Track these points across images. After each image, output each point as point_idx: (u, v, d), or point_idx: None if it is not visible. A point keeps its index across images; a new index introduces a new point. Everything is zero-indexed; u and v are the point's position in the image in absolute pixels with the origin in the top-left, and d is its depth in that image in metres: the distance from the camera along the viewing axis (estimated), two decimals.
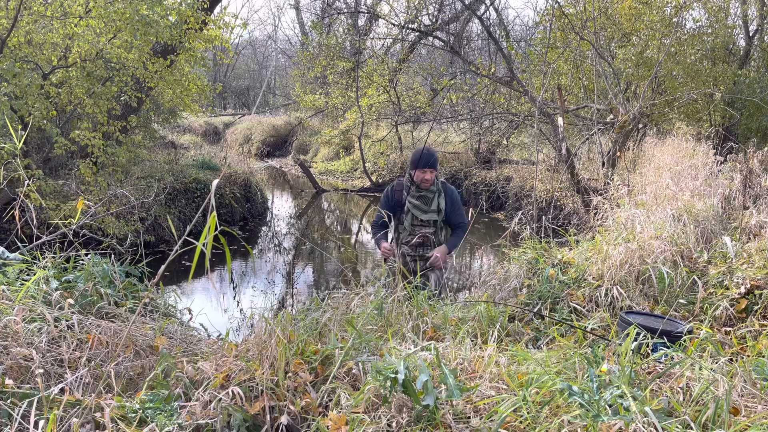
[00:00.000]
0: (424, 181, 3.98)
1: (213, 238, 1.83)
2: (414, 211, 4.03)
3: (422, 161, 3.92)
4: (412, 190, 4.01)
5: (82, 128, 6.07)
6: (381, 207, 4.16)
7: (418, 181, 3.98)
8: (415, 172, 3.97)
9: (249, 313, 3.16)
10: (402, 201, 4.08)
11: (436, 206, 4.04)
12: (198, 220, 2.30)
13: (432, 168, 3.95)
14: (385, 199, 4.18)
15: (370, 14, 14.54)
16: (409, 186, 4.03)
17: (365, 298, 3.04)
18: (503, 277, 4.11)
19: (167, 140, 13.29)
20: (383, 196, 4.18)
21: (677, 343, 2.44)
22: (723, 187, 4.83)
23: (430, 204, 4.03)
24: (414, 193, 4.01)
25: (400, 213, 4.13)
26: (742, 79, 8.96)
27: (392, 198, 4.14)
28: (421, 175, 3.94)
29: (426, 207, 4.03)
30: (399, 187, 4.13)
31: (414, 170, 3.98)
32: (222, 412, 1.88)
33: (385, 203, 4.17)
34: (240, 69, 27.08)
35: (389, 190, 4.17)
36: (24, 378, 2.03)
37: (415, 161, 3.96)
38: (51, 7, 6.00)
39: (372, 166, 13.13)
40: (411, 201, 4.02)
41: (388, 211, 4.08)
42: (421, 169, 3.93)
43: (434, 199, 4.03)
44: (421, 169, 3.93)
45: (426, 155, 3.93)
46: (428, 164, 3.92)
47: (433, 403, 1.78)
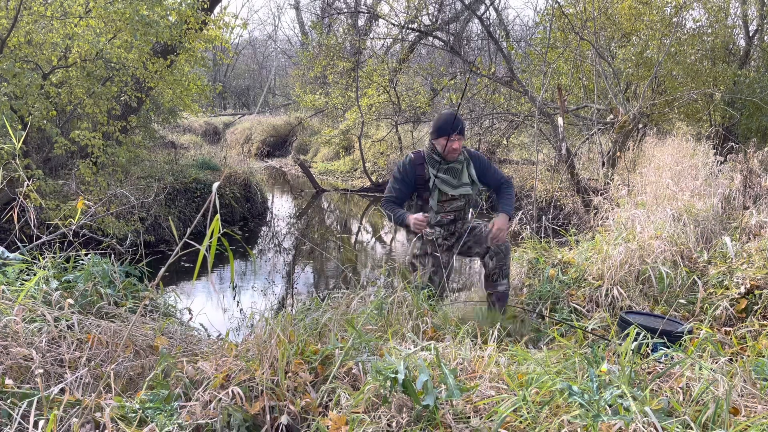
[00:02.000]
0: (452, 151, 3.38)
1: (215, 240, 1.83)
2: (443, 186, 3.43)
3: (449, 126, 3.33)
4: (438, 163, 3.43)
5: (82, 128, 6.07)
6: (394, 183, 3.52)
7: (445, 152, 3.38)
8: (440, 140, 3.38)
9: (249, 313, 3.16)
10: (425, 176, 3.45)
11: (468, 178, 3.48)
12: (198, 221, 2.30)
13: (461, 135, 3.38)
14: (400, 175, 3.51)
15: (370, 14, 14.54)
16: (434, 158, 3.44)
17: (365, 298, 3.04)
18: None
19: (167, 140, 13.28)
20: (396, 172, 3.53)
21: (677, 343, 2.44)
22: (723, 187, 4.83)
23: (461, 176, 3.46)
24: (441, 166, 3.42)
25: (422, 190, 3.50)
26: (742, 79, 8.96)
27: (412, 172, 3.48)
28: (449, 145, 3.35)
29: (456, 181, 3.44)
30: (419, 160, 3.49)
31: (438, 138, 3.39)
32: (222, 412, 1.88)
33: (401, 180, 3.51)
34: (240, 69, 27.07)
35: (406, 164, 3.51)
36: (24, 378, 2.03)
37: (440, 127, 3.37)
38: (51, 7, 6.00)
39: (372, 166, 13.13)
40: (439, 176, 3.42)
41: (404, 188, 3.50)
42: (445, 136, 3.34)
43: (463, 170, 3.47)
44: (445, 137, 3.34)
45: (453, 118, 3.36)
46: (457, 130, 3.34)
47: (433, 403, 1.78)
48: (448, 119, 3.36)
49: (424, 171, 3.46)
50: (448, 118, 3.37)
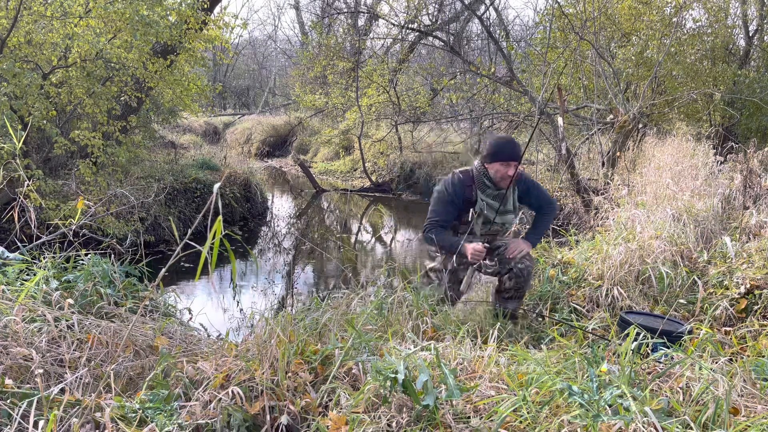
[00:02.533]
0: (505, 178, 3.12)
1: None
2: (489, 212, 3.21)
3: (507, 152, 3.09)
4: (487, 187, 3.21)
5: (82, 128, 6.07)
6: (441, 206, 3.24)
7: (498, 178, 3.15)
8: (495, 165, 3.12)
9: (249, 313, 3.16)
10: (473, 198, 3.22)
11: (512, 204, 3.29)
12: (199, 221, 2.30)
13: (517, 162, 3.10)
14: (448, 196, 3.21)
15: (370, 14, 14.54)
16: (485, 182, 3.20)
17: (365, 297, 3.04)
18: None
19: (167, 140, 13.27)
20: (443, 192, 3.24)
21: (677, 343, 2.44)
22: (723, 187, 4.83)
23: (506, 203, 3.24)
24: (490, 191, 3.21)
25: (463, 213, 3.26)
26: (742, 79, 8.96)
27: (460, 194, 3.21)
28: (503, 170, 3.11)
29: (502, 207, 3.21)
30: (468, 181, 3.23)
31: (492, 163, 3.13)
32: (222, 412, 1.88)
33: (449, 202, 3.21)
34: (240, 69, 27.06)
35: (455, 184, 3.23)
36: (24, 378, 2.03)
37: (496, 152, 3.11)
38: (51, 7, 6.00)
39: (372, 166, 13.13)
40: (485, 200, 3.20)
41: (452, 210, 3.22)
42: (505, 162, 3.09)
43: (509, 196, 3.26)
44: (505, 162, 3.09)
45: (512, 144, 3.14)
46: (514, 156, 3.10)
47: (433, 403, 1.78)
48: (507, 145, 3.13)
49: (472, 193, 3.22)
50: (507, 144, 3.14)
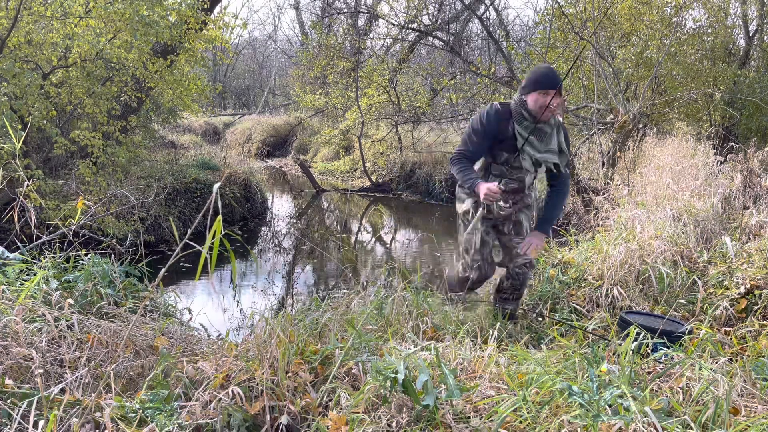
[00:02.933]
0: (548, 111, 2.90)
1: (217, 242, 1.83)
2: (528, 148, 2.96)
3: (546, 80, 2.87)
4: (524, 119, 2.97)
5: (82, 128, 6.07)
6: (472, 135, 3.02)
7: (536, 108, 2.90)
8: (534, 95, 2.90)
9: (249, 313, 3.16)
10: (509, 132, 2.98)
11: (556, 144, 3.02)
12: (199, 221, 2.30)
13: (558, 92, 2.89)
14: (481, 127, 2.99)
15: (370, 14, 14.54)
16: (522, 114, 2.96)
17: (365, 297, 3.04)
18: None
19: (167, 140, 13.28)
20: (477, 123, 3.01)
21: (677, 343, 2.44)
22: (723, 187, 4.83)
23: (549, 141, 3.01)
24: (527, 124, 2.96)
25: (497, 148, 3.02)
26: (742, 79, 8.96)
27: (495, 125, 2.97)
28: (542, 100, 2.88)
29: (543, 146, 2.98)
30: (506, 114, 2.98)
31: (531, 92, 2.91)
32: (222, 412, 1.88)
33: (481, 132, 2.99)
34: (240, 69, 27.07)
35: (490, 114, 2.99)
36: (24, 378, 2.03)
37: (538, 80, 2.90)
38: (51, 7, 6.00)
39: (372, 166, 13.13)
40: (522, 132, 2.95)
41: (483, 142, 3.00)
42: (543, 90, 2.88)
43: (553, 135, 3.02)
44: (543, 91, 2.88)
45: (552, 73, 2.92)
46: (553, 84, 2.88)
47: (433, 403, 1.78)
48: (547, 73, 2.90)
49: (509, 126, 2.96)
50: (547, 72, 2.91)
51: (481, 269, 3.17)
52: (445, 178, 11.46)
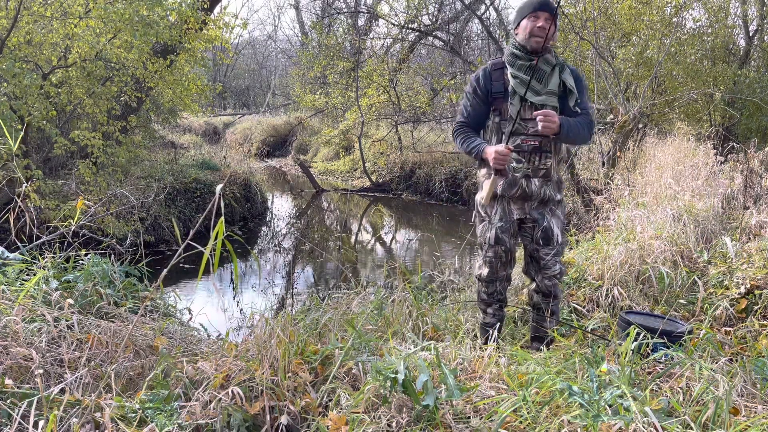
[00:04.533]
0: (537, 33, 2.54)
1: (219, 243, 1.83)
2: (518, 88, 2.58)
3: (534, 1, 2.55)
4: (517, 58, 2.61)
5: (82, 128, 6.07)
6: (466, 100, 2.77)
7: (526, 38, 2.57)
8: (523, 23, 2.58)
9: (249, 313, 3.16)
10: (506, 82, 2.65)
11: (558, 85, 2.62)
12: (198, 221, 2.30)
13: (550, 14, 2.55)
14: (475, 86, 2.71)
15: (370, 14, 14.54)
16: (514, 54, 2.62)
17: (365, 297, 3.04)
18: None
19: (167, 140, 13.28)
20: (469, 86, 2.77)
21: (677, 343, 2.44)
22: (723, 187, 4.83)
23: (548, 80, 2.61)
24: (521, 63, 2.60)
25: (500, 102, 2.68)
26: (742, 79, 8.96)
27: (489, 80, 2.68)
28: (531, 25, 2.55)
29: (541, 86, 2.60)
30: (497, 65, 2.69)
31: (520, 20, 2.59)
32: (222, 412, 1.88)
33: (473, 94, 2.73)
34: (240, 69, 27.07)
35: (482, 73, 2.72)
36: (24, 378, 2.03)
37: (522, 7, 2.60)
38: (51, 7, 6.00)
39: (372, 166, 13.13)
40: (516, 74, 2.60)
41: (479, 104, 2.72)
42: (533, 14, 2.56)
43: (553, 74, 2.62)
44: (532, 15, 2.56)
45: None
46: (544, 6, 2.56)
47: (433, 403, 1.78)
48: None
49: (503, 77, 2.66)
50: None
51: (492, 266, 2.81)
52: (445, 178, 11.47)
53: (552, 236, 2.78)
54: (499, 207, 2.77)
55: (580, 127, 2.68)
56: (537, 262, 2.84)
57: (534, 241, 2.81)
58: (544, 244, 2.79)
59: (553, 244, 2.79)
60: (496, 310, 2.88)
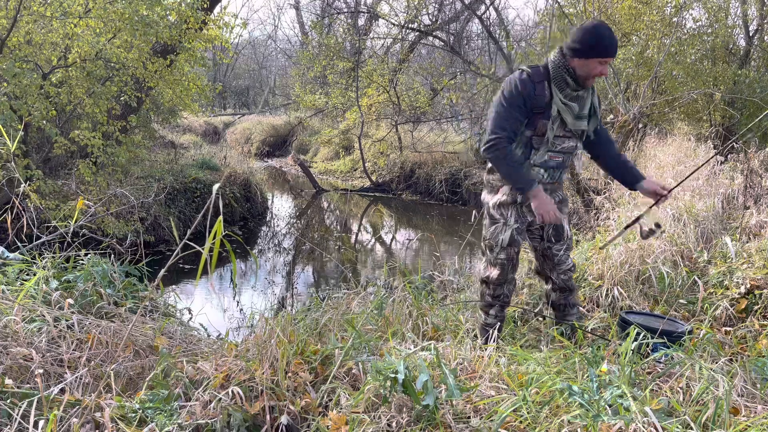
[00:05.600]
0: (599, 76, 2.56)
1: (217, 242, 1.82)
2: (566, 115, 2.60)
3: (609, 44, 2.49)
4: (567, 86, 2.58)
5: (82, 128, 6.07)
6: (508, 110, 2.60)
7: (585, 75, 2.54)
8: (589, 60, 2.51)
9: (249, 313, 3.16)
10: (545, 97, 2.60)
11: (589, 109, 2.68)
12: (199, 221, 2.30)
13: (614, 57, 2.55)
14: (515, 96, 2.58)
15: (370, 14, 14.54)
16: (565, 78, 2.57)
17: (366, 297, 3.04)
18: None
19: (167, 140, 13.28)
20: (509, 93, 2.59)
21: (677, 343, 2.44)
22: (724, 187, 4.83)
23: (584, 106, 2.65)
24: (569, 92, 2.59)
25: (535, 117, 2.62)
26: (742, 79, 8.95)
27: (530, 93, 2.58)
28: (599, 69, 2.53)
29: (580, 111, 2.63)
30: (538, 77, 2.60)
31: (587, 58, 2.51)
32: (222, 412, 1.88)
33: (516, 105, 2.59)
34: (240, 69, 27.07)
35: (522, 80, 2.59)
36: (24, 378, 2.03)
37: (595, 44, 2.48)
38: (51, 7, 5.99)
39: (372, 166, 13.13)
40: (564, 102, 2.60)
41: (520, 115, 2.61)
42: (604, 58, 2.51)
43: (588, 99, 2.67)
44: (602, 59, 2.51)
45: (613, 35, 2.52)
46: (615, 51, 2.55)
47: (433, 403, 1.78)
48: (611, 37, 2.49)
49: (544, 91, 2.59)
50: (611, 36, 2.49)
51: (504, 268, 2.79)
52: (445, 178, 11.47)
53: (562, 232, 2.86)
54: (514, 209, 2.78)
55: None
56: (551, 260, 2.89)
57: (546, 239, 2.86)
58: (556, 240, 2.86)
59: (564, 240, 2.87)
60: (498, 311, 2.88)
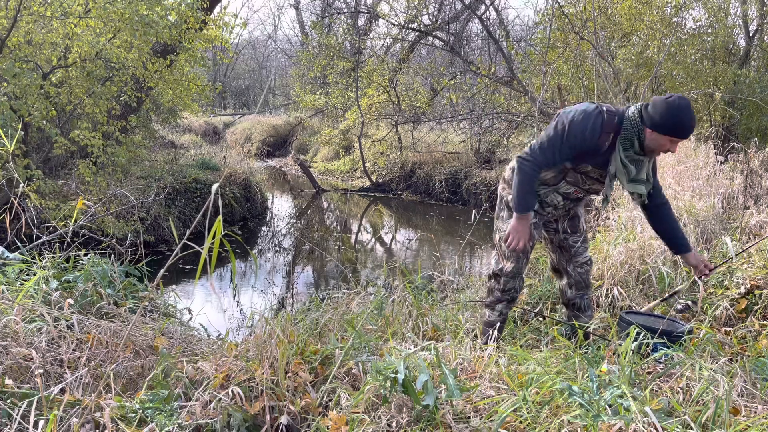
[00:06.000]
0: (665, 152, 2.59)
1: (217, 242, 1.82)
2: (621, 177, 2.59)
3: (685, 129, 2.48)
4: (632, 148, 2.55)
5: (82, 128, 6.07)
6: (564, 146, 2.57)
7: (652, 148, 2.52)
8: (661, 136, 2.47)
9: (249, 313, 3.16)
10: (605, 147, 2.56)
11: (646, 173, 2.64)
12: (198, 222, 2.30)
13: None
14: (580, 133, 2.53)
15: (370, 14, 14.53)
16: (633, 141, 2.52)
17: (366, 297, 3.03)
18: None
19: (167, 140, 13.28)
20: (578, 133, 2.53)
21: (677, 343, 2.44)
22: (724, 187, 4.83)
23: (641, 170, 2.62)
24: (631, 153, 2.55)
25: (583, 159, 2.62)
26: (742, 79, 8.95)
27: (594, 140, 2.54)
28: (667, 147, 2.51)
29: (637, 174, 2.61)
30: (610, 127, 2.53)
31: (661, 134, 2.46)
32: (222, 412, 1.88)
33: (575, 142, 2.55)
34: (240, 69, 27.06)
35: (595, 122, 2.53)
36: (24, 378, 2.03)
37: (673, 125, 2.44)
38: (51, 7, 5.99)
39: (372, 166, 13.13)
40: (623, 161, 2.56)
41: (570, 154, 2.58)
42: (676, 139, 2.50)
43: (647, 164, 2.64)
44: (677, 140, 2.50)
45: (693, 120, 2.49)
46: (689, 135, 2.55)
47: (433, 403, 1.78)
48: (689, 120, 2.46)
49: (607, 142, 2.55)
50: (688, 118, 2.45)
51: (519, 260, 2.78)
52: (445, 178, 11.47)
53: (578, 223, 2.92)
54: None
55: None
56: (567, 251, 2.93)
57: (562, 230, 2.92)
58: (572, 231, 2.92)
59: (580, 232, 2.93)
60: (505, 307, 2.89)
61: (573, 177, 2.71)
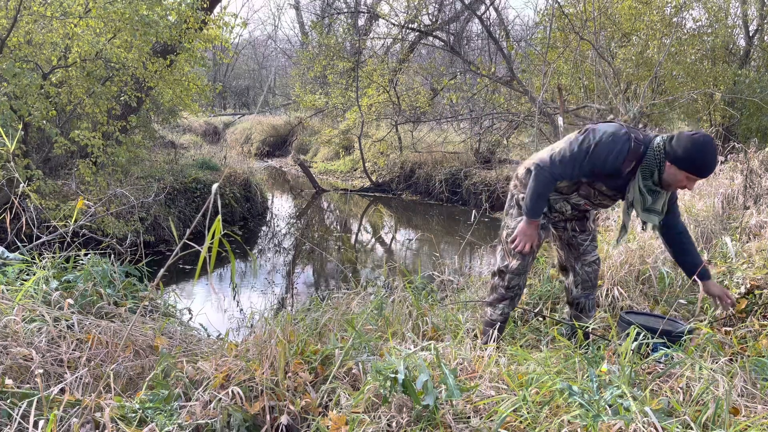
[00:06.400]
0: (682, 188, 2.60)
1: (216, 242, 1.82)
2: (636, 205, 2.64)
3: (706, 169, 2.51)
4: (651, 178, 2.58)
5: (82, 128, 6.07)
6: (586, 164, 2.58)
7: (670, 182, 2.55)
8: (680, 171, 2.48)
9: (249, 313, 3.16)
10: (625, 172, 2.58)
11: (662, 205, 2.68)
12: (198, 222, 2.30)
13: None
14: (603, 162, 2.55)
15: (370, 14, 14.53)
16: (653, 171, 2.55)
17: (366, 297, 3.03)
18: None
19: (167, 140, 13.28)
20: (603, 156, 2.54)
21: (677, 343, 2.44)
22: (724, 187, 4.83)
23: (657, 201, 2.66)
24: (649, 183, 2.58)
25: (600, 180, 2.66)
26: (742, 79, 8.96)
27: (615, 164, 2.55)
28: (684, 183, 2.54)
29: (652, 204, 2.65)
30: (635, 155, 2.54)
31: (681, 169, 2.47)
32: (222, 412, 1.88)
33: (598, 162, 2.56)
34: (240, 69, 27.05)
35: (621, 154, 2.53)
36: (24, 378, 2.03)
37: (695, 164, 2.45)
38: (51, 7, 5.99)
39: (372, 166, 13.13)
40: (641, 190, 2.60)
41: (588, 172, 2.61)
42: (696, 178, 2.52)
43: (664, 198, 2.67)
44: (695, 178, 2.52)
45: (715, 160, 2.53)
46: (709, 175, 2.60)
47: (433, 403, 1.78)
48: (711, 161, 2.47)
49: (628, 168, 2.58)
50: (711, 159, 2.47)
51: (525, 258, 2.81)
52: (445, 179, 11.47)
53: (587, 222, 2.95)
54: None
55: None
56: (576, 249, 2.95)
57: (571, 228, 2.94)
58: (581, 230, 2.94)
59: (589, 231, 2.95)
60: (508, 305, 2.89)
61: (586, 191, 2.74)
